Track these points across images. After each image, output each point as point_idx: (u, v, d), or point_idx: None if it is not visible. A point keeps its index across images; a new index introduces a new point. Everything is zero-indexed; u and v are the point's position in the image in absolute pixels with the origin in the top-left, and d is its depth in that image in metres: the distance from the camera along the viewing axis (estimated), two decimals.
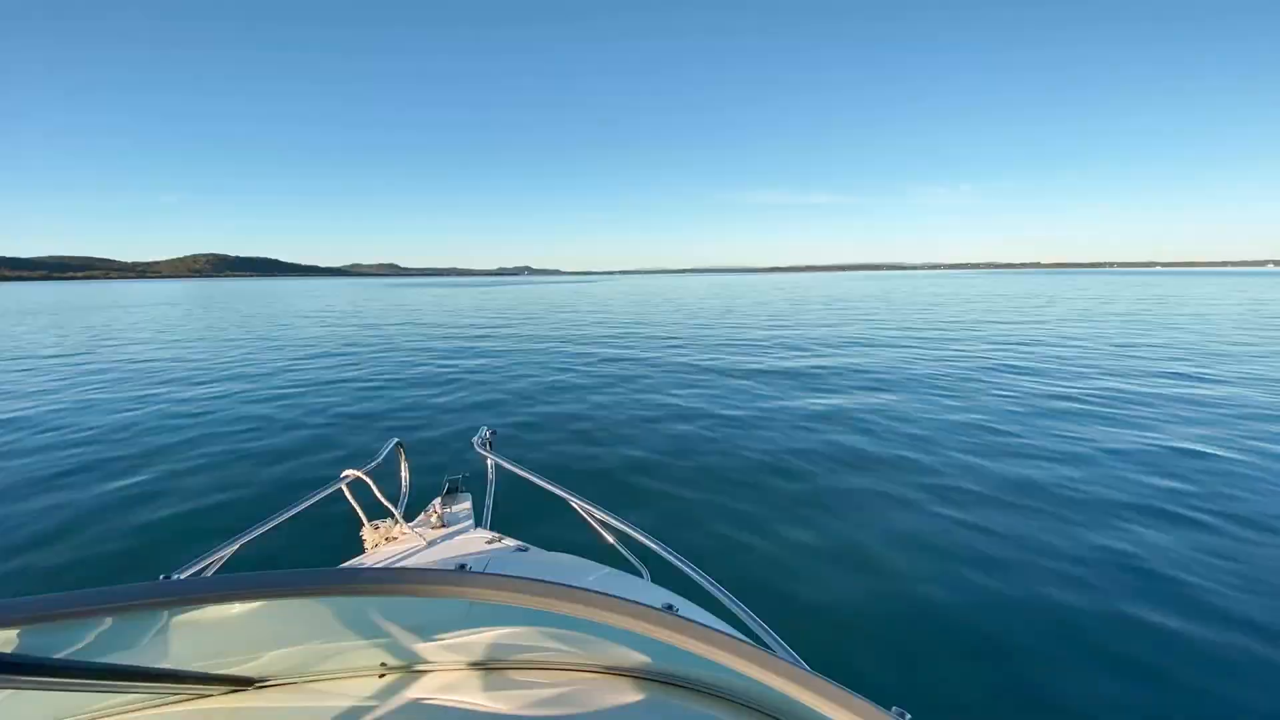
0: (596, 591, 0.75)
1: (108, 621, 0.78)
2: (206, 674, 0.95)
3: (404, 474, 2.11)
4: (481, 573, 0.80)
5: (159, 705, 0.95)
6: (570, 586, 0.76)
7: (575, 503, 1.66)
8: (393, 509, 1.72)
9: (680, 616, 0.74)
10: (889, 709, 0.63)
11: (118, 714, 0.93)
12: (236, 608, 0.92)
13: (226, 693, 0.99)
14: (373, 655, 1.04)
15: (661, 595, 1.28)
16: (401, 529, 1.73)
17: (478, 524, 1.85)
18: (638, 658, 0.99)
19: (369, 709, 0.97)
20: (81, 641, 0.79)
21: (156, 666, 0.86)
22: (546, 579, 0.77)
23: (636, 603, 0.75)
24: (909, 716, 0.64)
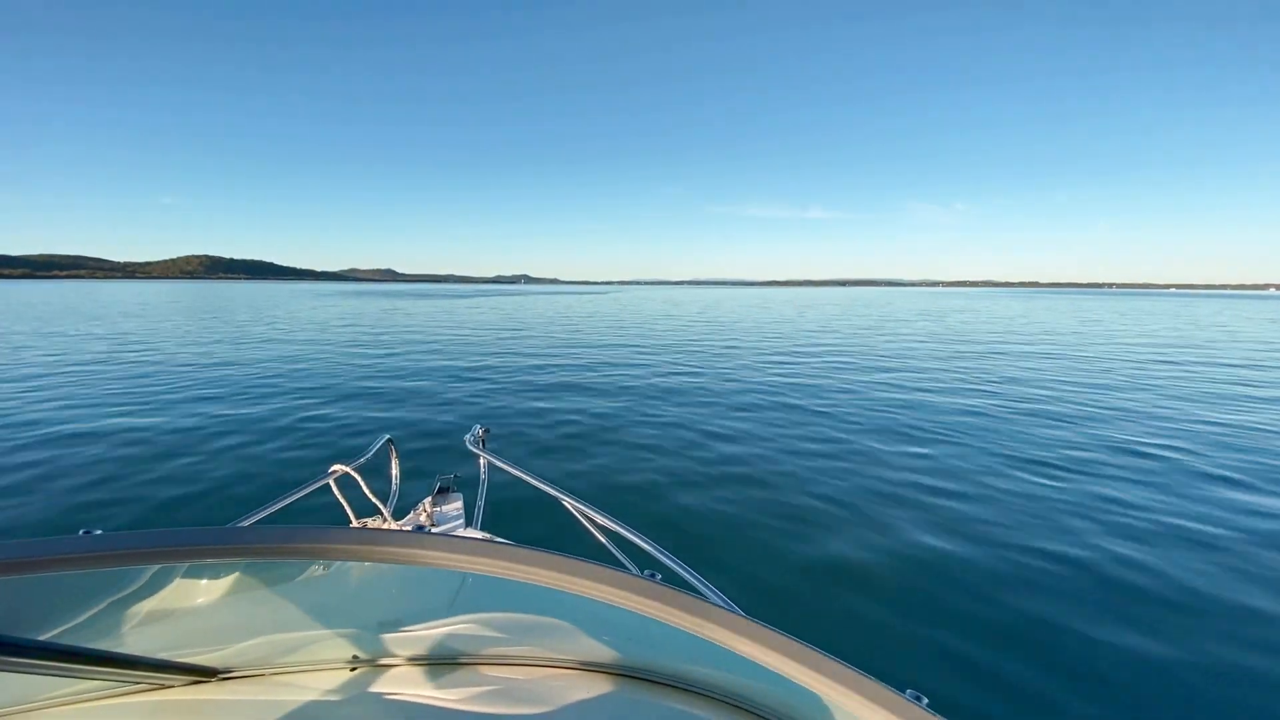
0: (570, 556, 0.69)
1: (50, 593, 0.71)
2: (167, 662, 0.89)
3: (394, 471, 2.07)
4: (440, 535, 0.74)
5: (115, 695, 0.89)
6: (540, 550, 0.70)
7: (568, 503, 1.62)
8: (381, 507, 1.68)
9: (665, 585, 0.68)
10: (903, 691, 0.60)
11: (67, 703, 0.86)
12: (200, 596, 0.86)
13: (188, 683, 0.93)
14: (344, 647, 0.99)
15: None
16: (389, 528, 1.69)
17: (469, 524, 1.80)
18: (612, 653, 0.97)
19: (339, 703, 0.92)
20: (23, 619, 0.72)
21: (111, 651, 0.80)
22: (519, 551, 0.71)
23: (614, 568, 0.69)
24: (925, 701, 0.60)
